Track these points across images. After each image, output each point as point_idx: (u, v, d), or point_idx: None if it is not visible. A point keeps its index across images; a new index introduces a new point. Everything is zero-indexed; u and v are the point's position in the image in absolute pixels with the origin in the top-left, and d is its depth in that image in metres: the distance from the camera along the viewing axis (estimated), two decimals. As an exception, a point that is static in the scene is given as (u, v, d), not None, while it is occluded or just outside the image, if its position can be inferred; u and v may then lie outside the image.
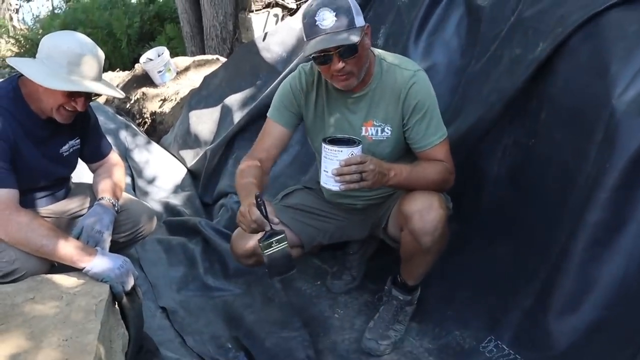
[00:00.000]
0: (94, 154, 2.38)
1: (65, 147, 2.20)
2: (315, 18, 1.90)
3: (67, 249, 1.86)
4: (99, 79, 2.05)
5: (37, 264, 1.90)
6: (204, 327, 2.49)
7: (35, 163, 2.07)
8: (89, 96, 2.07)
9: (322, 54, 1.94)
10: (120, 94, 2.23)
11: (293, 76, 2.25)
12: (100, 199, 2.19)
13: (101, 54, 2.08)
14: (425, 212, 2.00)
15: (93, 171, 2.41)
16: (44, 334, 1.55)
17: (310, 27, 1.93)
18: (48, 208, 2.25)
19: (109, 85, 2.13)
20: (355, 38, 1.89)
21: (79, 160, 2.35)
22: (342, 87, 2.07)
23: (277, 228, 1.89)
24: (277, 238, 1.88)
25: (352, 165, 1.78)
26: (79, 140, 2.27)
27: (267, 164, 2.22)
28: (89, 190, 2.37)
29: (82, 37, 2.05)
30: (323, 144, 1.82)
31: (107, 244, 2.05)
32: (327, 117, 2.21)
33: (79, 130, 2.25)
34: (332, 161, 1.79)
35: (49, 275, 1.86)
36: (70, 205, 2.34)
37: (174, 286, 2.79)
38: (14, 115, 1.98)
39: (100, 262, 1.86)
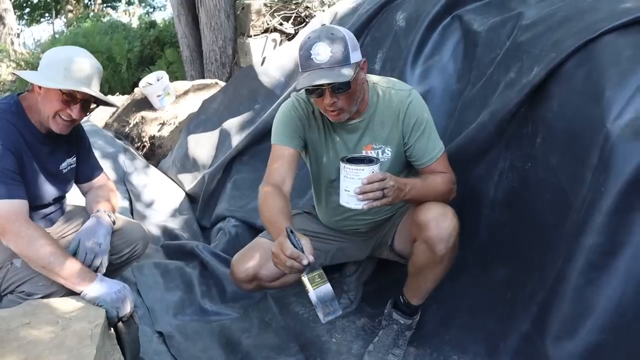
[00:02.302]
0: (87, 174, 2.41)
1: (64, 165, 2.23)
2: (311, 52, 1.91)
3: (71, 270, 1.88)
4: (95, 88, 2.09)
5: None
6: (201, 352, 2.47)
7: (35, 178, 2.10)
8: (85, 106, 2.09)
9: (315, 88, 1.95)
10: (114, 104, 2.26)
11: (291, 103, 2.23)
12: (96, 211, 2.21)
13: (99, 67, 2.11)
14: (440, 220, 2.03)
15: (84, 192, 2.43)
16: (39, 359, 1.54)
17: (306, 59, 1.94)
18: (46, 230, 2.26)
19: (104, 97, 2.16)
20: (347, 75, 1.90)
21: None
22: (333, 120, 2.10)
23: (311, 261, 1.75)
24: (317, 273, 1.77)
25: (374, 183, 1.78)
26: (75, 158, 2.29)
27: (287, 189, 2.12)
28: (85, 212, 2.38)
29: (81, 50, 2.10)
30: (343, 164, 1.82)
31: (106, 258, 2.06)
32: (330, 142, 2.23)
33: (74, 149, 2.29)
34: (354, 180, 1.79)
35: (45, 300, 1.86)
36: (67, 227, 2.35)
37: (171, 310, 2.78)
38: (18, 129, 2.02)
39: (97, 287, 1.87)
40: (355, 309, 2.70)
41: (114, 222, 2.22)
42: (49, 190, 2.20)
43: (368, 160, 1.85)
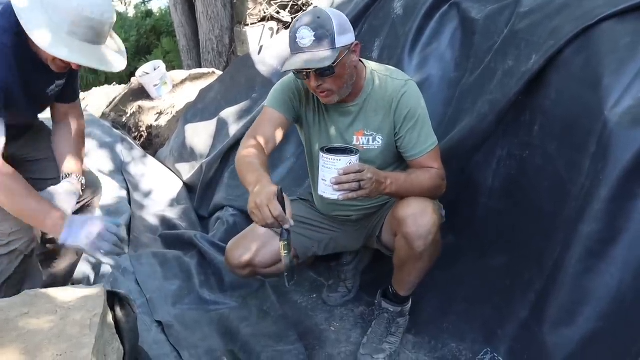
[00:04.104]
0: (70, 95, 2.31)
1: (52, 87, 2.15)
2: (296, 35, 1.94)
3: (43, 210, 1.91)
4: (101, 42, 1.94)
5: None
6: (200, 341, 2.48)
7: (19, 103, 2.02)
8: None
9: (299, 71, 1.98)
10: (116, 68, 2.01)
11: (292, 77, 2.23)
12: (67, 175, 2.17)
13: (111, 18, 1.92)
14: (419, 216, 2.01)
15: (56, 115, 2.34)
16: (39, 349, 1.54)
17: (292, 42, 1.97)
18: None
19: (109, 55, 1.98)
20: (328, 61, 1.91)
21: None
22: (323, 102, 2.10)
23: (291, 226, 1.81)
24: (289, 241, 1.85)
25: (350, 174, 1.78)
26: (65, 80, 2.21)
27: (268, 151, 2.11)
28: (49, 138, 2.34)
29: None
30: (321, 153, 1.83)
31: (124, 230, 2.08)
32: (323, 123, 2.23)
33: (68, 71, 2.14)
34: (331, 170, 1.80)
35: (43, 290, 1.85)
36: (34, 151, 2.33)
37: (170, 300, 2.78)
38: (13, 50, 1.91)
39: (68, 235, 1.91)
40: (354, 298, 2.70)
41: (83, 187, 2.20)
42: (27, 115, 2.16)
43: (349, 151, 1.86)
